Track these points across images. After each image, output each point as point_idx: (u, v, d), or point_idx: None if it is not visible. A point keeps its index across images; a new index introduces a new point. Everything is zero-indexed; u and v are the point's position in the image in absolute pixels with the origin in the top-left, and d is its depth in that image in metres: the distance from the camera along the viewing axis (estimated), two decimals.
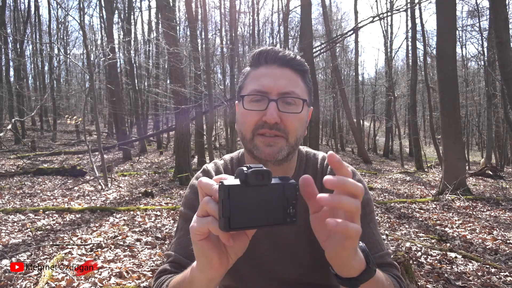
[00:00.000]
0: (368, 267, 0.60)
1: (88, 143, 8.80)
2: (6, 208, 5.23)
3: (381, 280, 0.67)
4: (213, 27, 23.45)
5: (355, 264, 0.58)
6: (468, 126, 21.68)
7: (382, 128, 31.35)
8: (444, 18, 7.31)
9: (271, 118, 0.78)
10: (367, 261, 0.61)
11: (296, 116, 0.82)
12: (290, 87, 0.82)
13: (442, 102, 7.33)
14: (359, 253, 0.60)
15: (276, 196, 0.51)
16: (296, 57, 0.86)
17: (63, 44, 26.56)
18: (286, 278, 0.93)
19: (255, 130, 0.81)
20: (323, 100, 25.43)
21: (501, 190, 7.88)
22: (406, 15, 18.52)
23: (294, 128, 0.82)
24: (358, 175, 0.94)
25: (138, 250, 3.60)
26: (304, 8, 11.16)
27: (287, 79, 0.83)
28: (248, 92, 0.84)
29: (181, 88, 8.77)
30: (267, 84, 0.82)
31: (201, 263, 0.58)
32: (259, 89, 0.82)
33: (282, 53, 0.85)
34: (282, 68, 0.84)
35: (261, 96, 0.82)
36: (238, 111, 0.88)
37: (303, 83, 0.86)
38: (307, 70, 0.88)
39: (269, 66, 0.84)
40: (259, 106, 0.82)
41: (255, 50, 0.88)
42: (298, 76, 0.86)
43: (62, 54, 21.10)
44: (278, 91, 0.81)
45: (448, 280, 2.92)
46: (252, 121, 0.81)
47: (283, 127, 0.80)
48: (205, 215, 0.53)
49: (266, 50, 0.86)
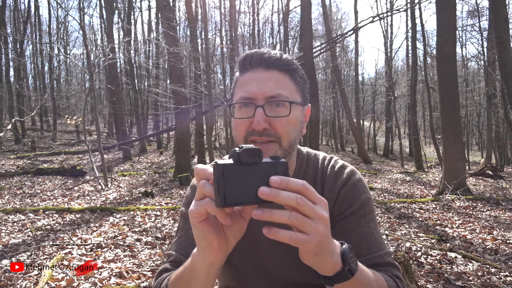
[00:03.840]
0: (342, 269, 0.60)
1: (88, 143, 8.80)
2: (6, 208, 5.23)
3: (366, 282, 0.67)
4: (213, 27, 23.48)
5: (327, 265, 0.59)
6: (468, 126, 21.67)
7: (382, 128, 31.35)
8: (444, 18, 7.31)
9: (258, 125, 0.77)
10: (344, 263, 0.61)
11: (285, 119, 0.80)
12: (276, 90, 0.80)
13: (442, 102, 7.33)
14: (334, 255, 0.60)
15: (268, 173, 0.52)
16: (282, 56, 0.83)
17: (63, 44, 26.57)
18: (287, 279, 0.93)
19: (246, 137, 0.80)
20: (323, 100, 25.44)
21: (501, 190, 7.87)
22: (406, 15, 18.55)
23: (285, 131, 0.80)
24: (358, 174, 0.94)
25: (138, 250, 3.59)
26: (304, 8, 11.16)
27: (274, 82, 0.81)
28: (236, 100, 0.83)
29: (181, 88, 8.78)
30: (253, 90, 0.80)
31: (201, 246, 0.60)
32: (245, 95, 0.81)
33: (267, 55, 0.82)
34: (268, 70, 0.82)
35: (249, 103, 0.81)
36: (231, 119, 0.87)
37: (292, 82, 0.84)
38: (295, 68, 0.85)
39: (255, 70, 0.83)
40: (247, 113, 0.80)
41: (242, 54, 0.86)
42: (286, 75, 0.83)
43: (62, 54, 21.08)
44: (264, 96, 0.79)
45: (448, 280, 2.92)
46: (242, 129, 0.81)
47: (274, 132, 0.79)
48: (202, 197, 0.54)
49: (251, 53, 0.84)
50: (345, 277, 0.61)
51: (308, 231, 0.53)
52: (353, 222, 0.86)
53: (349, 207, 0.87)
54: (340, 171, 0.92)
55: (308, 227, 0.53)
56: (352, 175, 0.91)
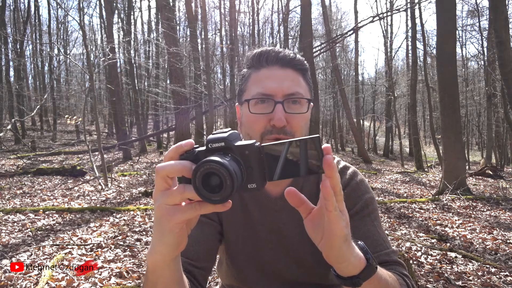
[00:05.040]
0: (368, 263, 0.60)
1: (88, 143, 8.80)
2: (6, 208, 5.23)
3: (384, 277, 0.66)
4: (213, 27, 23.50)
5: (353, 260, 0.58)
6: (468, 126, 21.68)
7: (382, 128, 31.37)
8: (444, 18, 7.31)
9: (279, 122, 0.78)
10: (367, 258, 0.60)
11: (302, 116, 0.82)
12: (294, 88, 0.81)
13: (442, 102, 7.32)
14: (356, 250, 0.59)
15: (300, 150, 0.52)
16: (297, 56, 0.85)
17: (63, 44, 26.59)
18: (288, 278, 0.93)
19: (264, 135, 0.80)
20: (323, 100, 25.44)
21: (501, 190, 7.87)
22: (406, 15, 18.54)
23: (300, 128, 0.82)
24: (360, 175, 0.94)
25: (138, 250, 3.59)
26: (304, 8, 11.15)
27: (290, 80, 0.82)
28: (252, 96, 0.82)
29: (181, 88, 8.78)
30: (272, 86, 0.81)
31: (167, 244, 0.56)
32: (263, 92, 0.81)
33: (283, 54, 0.84)
34: (284, 68, 0.83)
35: (266, 99, 0.81)
36: (243, 114, 0.86)
37: (305, 82, 0.86)
38: (307, 68, 0.88)
39: (270, 68, 0.83)
40: (265, 109, 0.81)
41: (254, 51, 0.87)
42: (300, 75, 0.85)
43: (62, 54, 21.11)
44: (283, 93, 0.80)
45: (448, 280, 2.92)
46: (260, 126, 0.81)
47: (290, 129, 0.80)
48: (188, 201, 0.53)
49: (267, 51, 0.85)
50: (372, 271, 0.60)
51: (342, 208, 0.54)
52: (358, 221, 0.87)
53: (352, 207, 0.88)
54: (342, 172, 0.93)
55: (343, 205, 0.54)
56: (354, 176, 0.92)
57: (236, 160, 0.51)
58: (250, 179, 0.52)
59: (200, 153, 0.54)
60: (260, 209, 0.92)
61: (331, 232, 0.55)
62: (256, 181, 0.52)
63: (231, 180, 0.47)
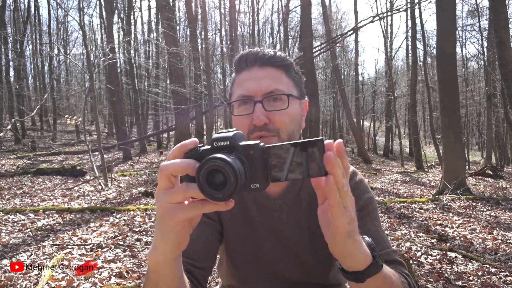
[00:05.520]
0: (374, 261, 0.60)
1: (88, 143, 8.79)
2: (6, 208, 5.23)
3: (389, 275, 0.66)
4: (213, 27, 23.52)
5: (359, 256, 0.58)
6: (468, 126, 21.67)
7: (382, 128, 31.37)
8: (444, 18, 7.31)
9: (258, 120, 0.79)
10: (373, 255, 0.60)
11: (284, 112, 0.82)
12: (273, 86, 0.82)
13: (442, 102, 7.32)
14: (363, 246, 0.60)
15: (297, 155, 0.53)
16: (276, 53, 0.86)
17: (63, 44, 26.58)
18: (288, 278, 0.93)
19: (248, 134, 0.82)
20: (323, 100, 25.46)
21: (501, 190, 7.87)
22: (406, 15, 18.55)
23: (284, 124, 0.82)
24: (359, 175, 0.94)
25: (138, 250, 3.59)
26: (304, 8, 11.16)
27: (270, 78, 0.83)
28: (234, 99, 0.85)
29: (181, 88, 8.78)
30: (251, 87, 0.82)
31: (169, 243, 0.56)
32: (244, 93, 0.83)
33: (261, 53, 0.85)
34: (263, 68, 0.84)
35: (247, 100, 0.83)
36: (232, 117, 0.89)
37: (288, 77, 0.86)
38: (290, 64, 0.88)
39: (250, 69, 0.85)
40: (247, 110, 0.83)
41: (237, 55, 0.89)
42: (282, 72, 0.86)
43: (62, 54, 21.10)
44: (262, 92, 0.82)
45: (448, 280, 2.92)
46: (244, 126, 0.83)
47: (273, 126, 0.81)
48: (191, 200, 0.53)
49: (246, 53, 0.86)
50: (377, 269, 0.60)
51: (346, 205, 0.54)
52: (358, 220, 0.87)
53: None
54: None
55: (347, 201, 0.54)
56: (354, 176, 0.93)
57: (241, 159, 0.51)
58: (253, 179, 0.52)
59: (205, 151, 0.54)
60: (259, 208, 0.92)
61: (334, 227, 0.55)
62: (259, 181, 0.52)
63: (235, 178, 0.47)
